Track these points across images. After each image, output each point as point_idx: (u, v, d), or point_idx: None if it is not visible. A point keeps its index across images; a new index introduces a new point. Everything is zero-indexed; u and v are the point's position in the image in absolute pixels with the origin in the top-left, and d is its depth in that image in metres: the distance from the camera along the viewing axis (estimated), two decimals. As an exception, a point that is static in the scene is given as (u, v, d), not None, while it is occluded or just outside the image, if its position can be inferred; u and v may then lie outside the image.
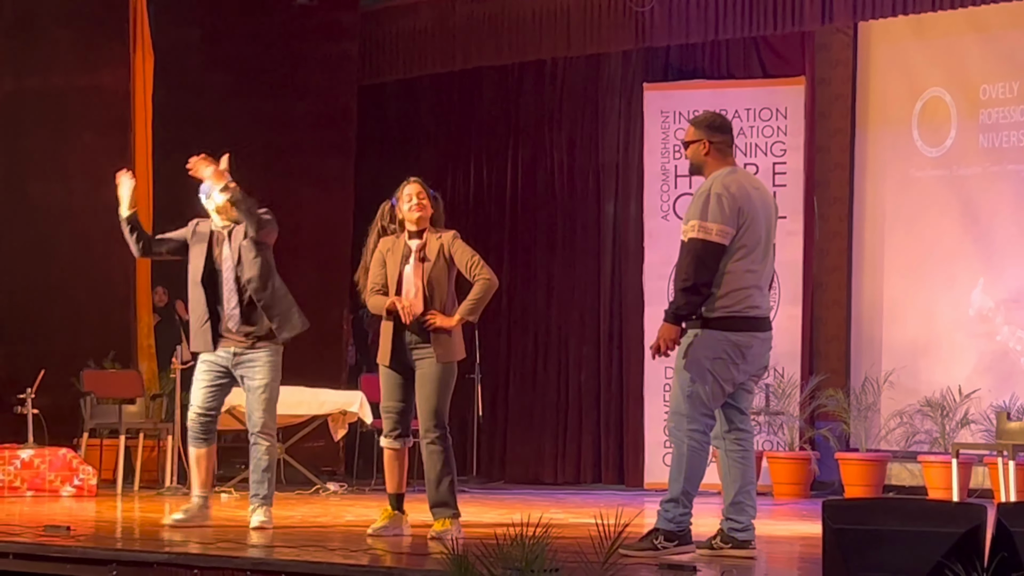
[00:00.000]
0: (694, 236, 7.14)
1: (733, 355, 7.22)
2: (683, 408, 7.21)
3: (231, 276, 8.56)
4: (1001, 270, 13.16)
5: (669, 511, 7.21)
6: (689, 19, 13.50)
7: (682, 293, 7.13)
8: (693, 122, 7.58)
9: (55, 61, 13.53)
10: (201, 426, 8.67)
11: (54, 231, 13.37)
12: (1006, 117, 13.22)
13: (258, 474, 8.63)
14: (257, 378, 8.57)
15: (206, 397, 8.62)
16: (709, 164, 7.42)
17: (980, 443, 12.07)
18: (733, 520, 7.33)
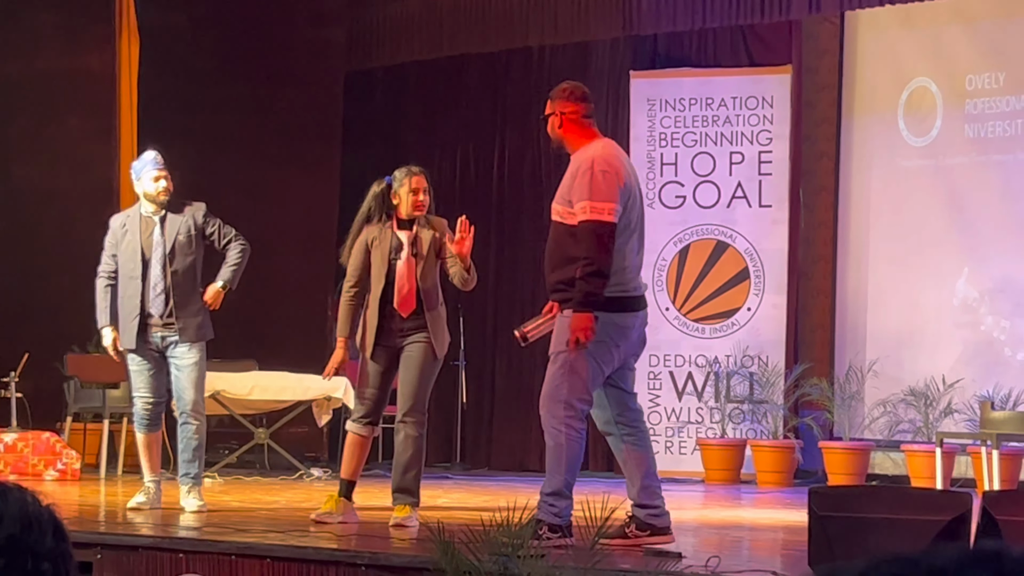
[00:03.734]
0: (587, 218, 6.85)
1: (616, 337, 7.02)
2: (561, 393, 6.96)
3: (160, 264, 8.61)
4: (986, 260, 13.19)
5: (555, 504, 6.94)
6: (676, 7, 13.51)
7: (590, 278, 6.81)
8: (550, 94, 7.29)
9: (39, 44, 13.52)
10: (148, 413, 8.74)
11: (38, 215, 13.36)
12: (992, 107, 13.24)
13: (188, 453, 8.64)
14: (186, 359, 8.58)
15: (148, 385, 8.68)
16: (568, 138, 7.18)
17: (963, 432, 12.10)
18: (647, 506, 7.07)
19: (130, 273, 8.70)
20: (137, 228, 8.71)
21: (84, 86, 13.54)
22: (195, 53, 14.22)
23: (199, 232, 8.72)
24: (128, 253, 8.72)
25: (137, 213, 8.79)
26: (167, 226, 8.67)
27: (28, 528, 1.87)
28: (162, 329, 8.66)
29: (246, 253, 8.76)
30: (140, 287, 8.65)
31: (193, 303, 8.65)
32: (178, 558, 6.91)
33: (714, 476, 13.43)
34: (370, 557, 6.56)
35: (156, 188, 8.70)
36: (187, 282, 8.66)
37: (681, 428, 13.94)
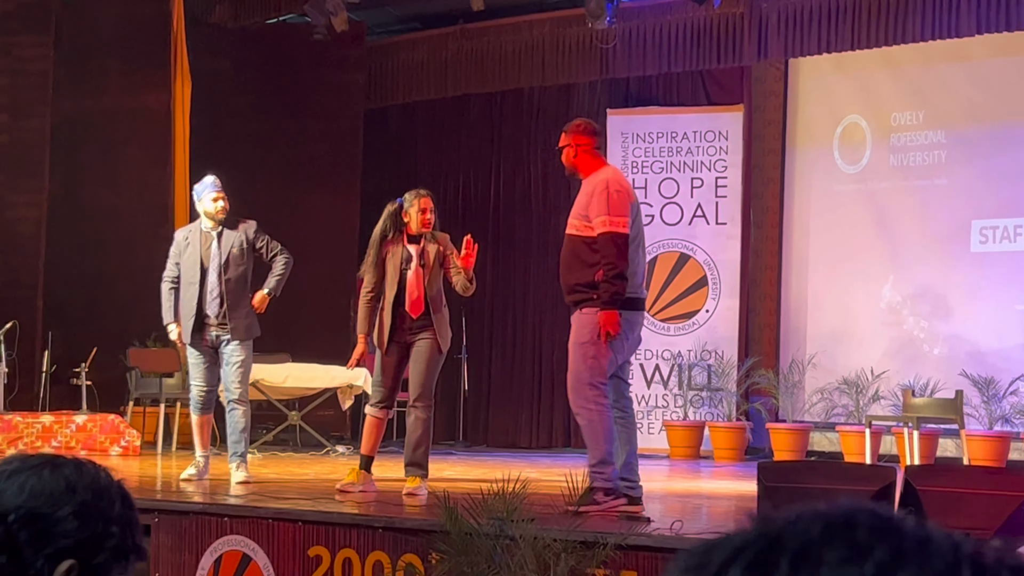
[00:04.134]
0: (607, 230, 6.86)
1: (627, 331, 7.00)
2: (585, 378, 6.93)
3: (216, 273, 8.62)
4: (907, 269, 13.20)
5: (603, 471, 6.93)
6: (646, 54, 13.53)
7: (614, 280, 6.82)
8: (564, 129, 7.28)
9: (106, 86, 13.50)
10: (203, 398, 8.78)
11: (104, 231, 13.34)
12: (913, 140, 13.25)
13: (236, 435, 8.65)
14: (235, 356, 8.60)
15: (203, 376, 8.68)
16: (581, 166, 7.16)
17: (889, 415, 12.10)
18: (627, 480, 7.06)
19: (190, 279, 8.70)
20: (198, 241, 8.72)
21: (144, 121, 13.53)
22: (238, 93, 14.22)
23: (250, 246, 8.72)
24: (189, 262, 8.73)
25: (198, 228, 8.80)
26: (223, 240, 8.67)
27: (99, 496, 1.88)
28: (216, 328, 8.67)
29: (289, 265, 8.76)
30: (198, 292, 8.66)
31: (243, 306, 8.65)
32: (223, 521, 6.91)
33: (677, 452, 13.44)
34: (386, 521, 6.56)
35: (215, 208, 8.71)
36: (239, 288, 8.66)
37: (650, 412, 13.94)
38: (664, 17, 13.39)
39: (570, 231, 7.09)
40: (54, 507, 1.83)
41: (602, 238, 6.89)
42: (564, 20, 13.89)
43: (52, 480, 1.86)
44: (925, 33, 11.96)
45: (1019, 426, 12.09)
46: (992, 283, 12.65)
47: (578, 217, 7.03)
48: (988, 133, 12.79)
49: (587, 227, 6.98)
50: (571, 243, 7.07)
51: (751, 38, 12.89)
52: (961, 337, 12.80)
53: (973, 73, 12.90)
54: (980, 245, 12.79)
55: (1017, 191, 12.58)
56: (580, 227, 7.01)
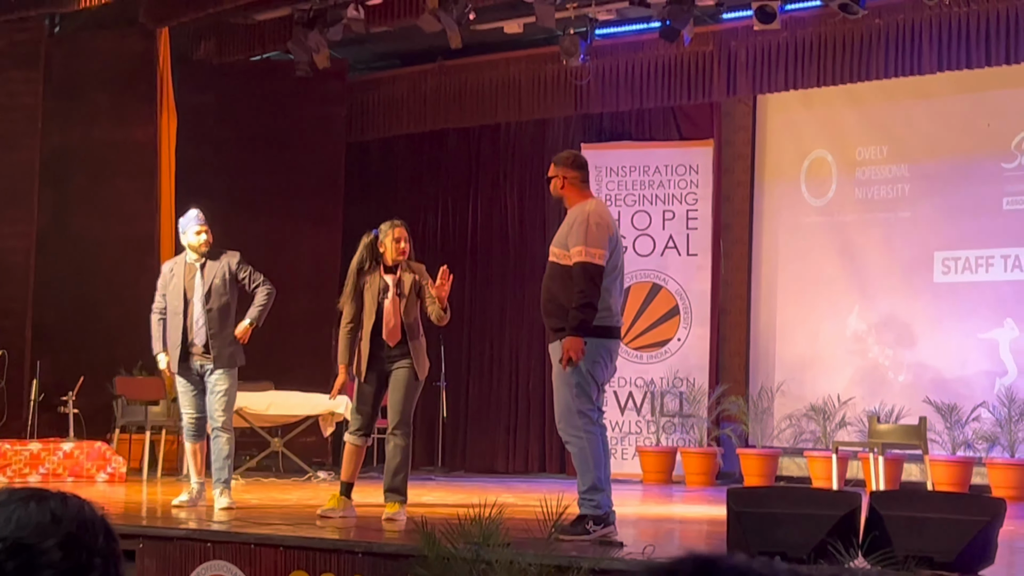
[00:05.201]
0: (582, 260, 6.85)
1: (606, 358, 7.00)
2: (573, 406, 6.91)
3: (200, 303, 8.62)
4: (872, 299, 13.24)
5: (593, 499, 6.88)
6: (619, 91, 13.58)
7: (582, 308, 6.81)
8: (554, 160, 7.31)
9: (94, 120, 13.48)
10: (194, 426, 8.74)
11: (92, 261, 13.30)
12: (877, 174, 13.32)
13: (220, 461, 8.63)
14: (219, 385, 8.58)
15: (192, 403, 8.67)
16: (568, 196, 7.18)
17: (855, 441, 12.11)
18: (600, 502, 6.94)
19: (175, 310, 8.71)
20: (182, 272, 8.74)
21: (130, 154, 13.51)
22: (222, 127, 14.21)
23: (232, 277, 8.72)
24: (174, 293, 8.74)
25: (183, 260, 8.82)
26: (206, 271, 8.69)
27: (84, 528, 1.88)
28: (201, 357, 8.67)
29: (271, 296, 8.76)
30: (183, 322, 8.67)
31: (226, 335, 8.65)
32: (206, 547, 6.88)
33: (650, 477, 13.43)
34: (366, 546, 6.55)
35: (198, 240, 8.74)
36: (222, 318, 8.66)
37: (623, 438, 13.94)
38: (636, 54, 13.44)
39: (552, 258, 7.11)
40: (40, 538, 1.84)
41: (577, 267, 6.88)
42: (540, 57, 13.93)
43: (38, 512, 1.86)
44: (888, 71, 12.03)
45: (981, 452, 12.13)
46: (954, 312, 12.70)
47: (559, 245, 7.05)
48: (950, 167, 12.86)
49: (566, 256, 6.98)
50: (552, 270, 7.07)
51: (720, 75, 12.95)
52: (925, 365, 12.85)
53: (935, 109, 12.98)
54: (943, 276, 12.85)
55: (978, 223, 12.65)
56: (560, 255, 7.02)
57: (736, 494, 5.88)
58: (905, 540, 5.41)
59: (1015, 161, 12.53)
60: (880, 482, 10.64)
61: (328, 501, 8.22)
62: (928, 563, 5.33)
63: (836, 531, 5.49)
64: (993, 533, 5.51)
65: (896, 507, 5.57)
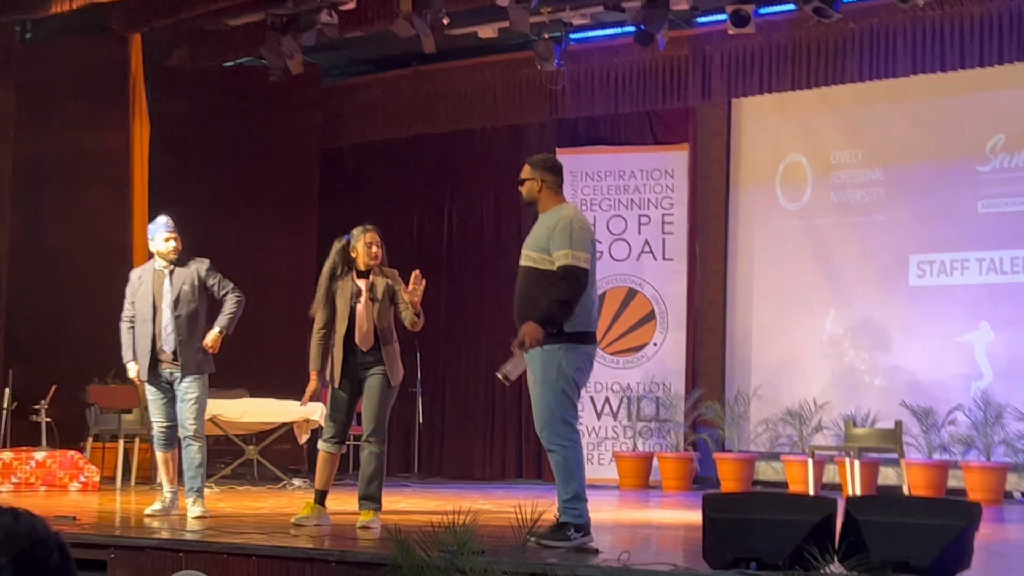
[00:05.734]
0: (569, 263, 6.75)
1: (586, 364, 6.91)
2: (558, 415, 6.77)
3: (169, 309, 8.56)
4: (848, 303, 13.25)
5: (576, 507, 6.77)
6: (594, 95, 13.57)
7: (559, 306, 6.70)
8: (530, 162, 7.15)
9: (67, 128, 13.41)
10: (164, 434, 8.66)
11: (66, 269, 13.23)
12: (852, 178, 13.33)
13: (192, 470, 8.56)
14: (189, 393, 8.53)
15: (162, 412, 8.61)
16: (545, 199, 7.04)
17: (831, 445, 12.11)
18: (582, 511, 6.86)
19: (144, 317, 8.65)
20: (151, 280, 8.68)
21: (104, 162, 13.44)
22: (195, 134, 14.15)
23: (201, 284, 8.66)
24: (142, 301, 8.68)
25: (151, 267, 8.76)
26: (175, 278, 8.63)
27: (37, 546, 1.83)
28: (170, 365, 8.61)
29: (241, 304, 8.69)
30: (151, 329, 8.60)
31: (195, 342, 8.58)
32: (178, 556, 6.81)
33: (627, 483, 13.41)
34: (339, 555, 6.49)
35: (167, 247, 8.67)
36: (190, 325, 8.60)
37: (600, 443, 13.91)
38: (611, 59, 13.43)
39: (526, 263, 6.95)
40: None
41: (562, 270, 6.78)
42: (515, 62, 13.91)
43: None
44: (863, 74, 12.05)
45: (957, 455, 12.13)
46: (930, 316, 12.71)
47: (537, 249, 6.90)
48: (924, 170, 12.87)
49: (547, 260, 6.86)
50: (529, 276, 6.92)
51: (695, 79, 12.94)
52: (900, 368, 12.85)
53: (909, 113, 13.00)
54: (918, 279, 12.86)
55: (953, 226, 12.66)
56: (539, 259, 6.88)
57: (711, 500, 5.84)
58: (881, 545, 5.38)
59: (990, 164, 12.54)
60: (856, 486, 10.62)
61: (302, 509, 8.16)
62: (905, 568, 5.30)
63: (812, 537, 5.45)
64: (970, 537, 5.48)
65: (872, 512, 5.53)
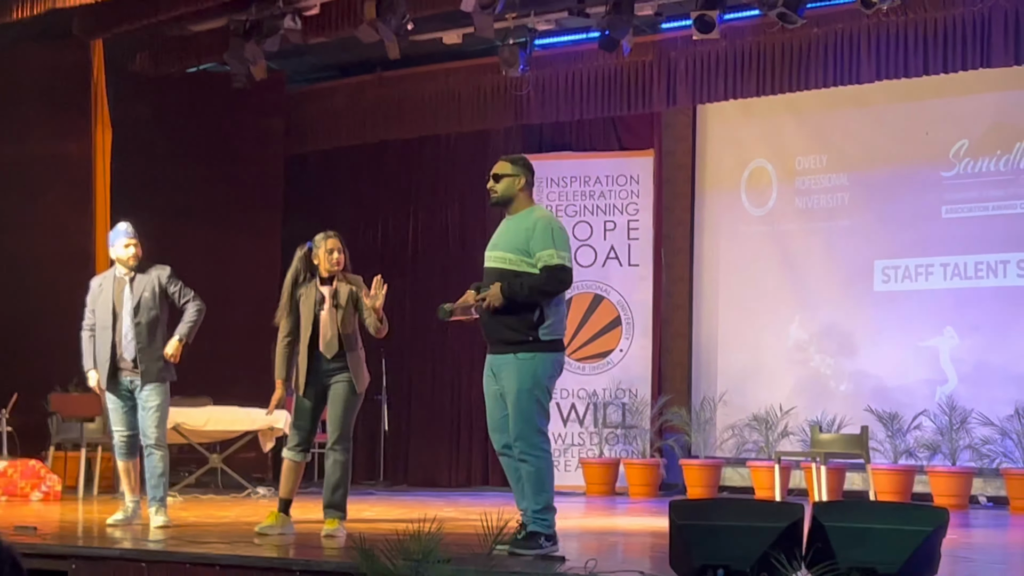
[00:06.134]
0: (557, 263, 6.71)
1: (557, 372, 6.86)
2: (533, 424, 6.75)
3: (129, 316, 8.49)
4: (813, 309, 13.27)
5: (546, 518, 6.76)
6: (559, 102, 13.56)
7: (534, 292, 6.68)
8: (510, 159, 7.07)
9: (27, 132, 13.30)
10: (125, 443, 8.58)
11: (26, 276, 13.12)
12: (817, 184, 13.36)
13: (155, 479, 8.50)
14: (150, 401, 8.45)
15: (123, 420, 8.53)
16: (520, 199, 6.98)
17: (797, 451, 12.12)
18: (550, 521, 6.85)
19: (104, 324, 8.59)
20: (111, 287, 8.62)
21: (65, 168, 13.34)
22: (158, 140, 14.06)
23: (162, 291, 8.60)
24: (102, 308, 8.62)
25: (112, 275, 8.70)
26: (135, 285, 8.58)
27: None
28: (130, 373, 8.54)
29: (201, 312, 8.63)
30: (111, 337, 8.54)
31: (155, 350, 8.51)
32: (140, 567, 6.75)
33: (593, 489, 13.39)
34: (304, 564, 6.44)
35: (126, 254, 8.62)
36: (150, 333, 8.52)
37: (566, 449, 13.89)
38: (576, 65, 13.41)
39: (499, 265, 6.84)
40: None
41: (548, 269, 6.73)
42: (479, 68, 13.88)
43: None
44: (827, 80, 12.07)
45: (923, 460, 12.17)
46: (895, 321, 12.74)
47: (515, 251, 6.81)
48: (889, 176, 12.91)
49: (526, 262, 6.79)
50: (503, 278, 6.79)
51: (660, 85, 12.94)
52: (866, 374, 12.88)
53: (873, 118, 13.03)
54: (883, 284, 12.89)
55: (917, 232, 12.70)
56: (516, 262, 6.80)
57: (678, 506, 5.82)
58: (849, 551, 5.37)
59: (954, 169, 12.59)
60: (823, 492, 10.63)
61: (266, 518, 8.10)
62: (872, 574, 5.29)
63: (779, 543, 5.43)
64: (937, 543, 5.48)
65: (839, 518, 5.52)
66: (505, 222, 7.06)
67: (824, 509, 5.64)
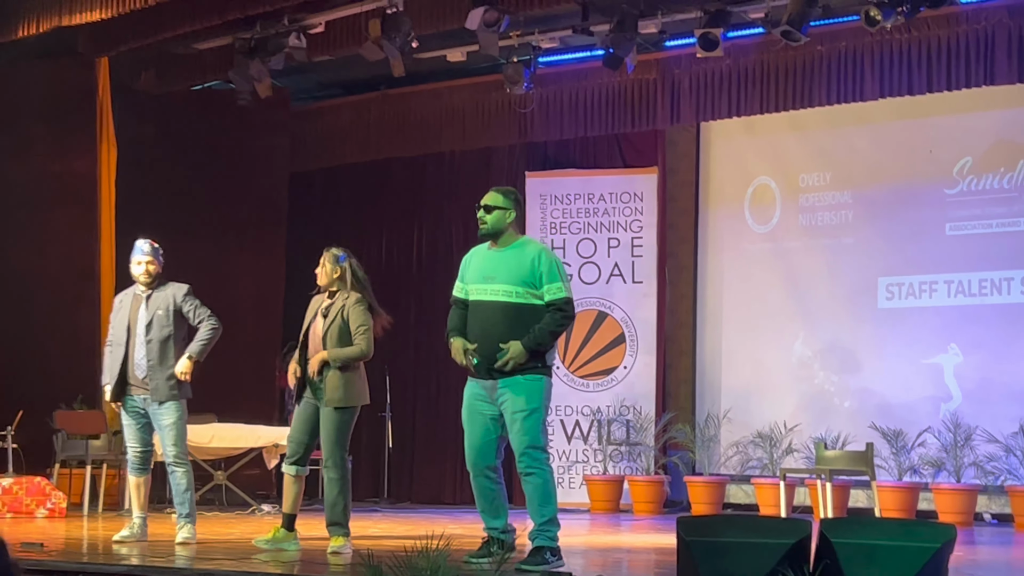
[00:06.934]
0: (564, 296, 6.89)
1: (551, 398, 7.16)
2: (539, 441, 6.96)
3: (142, 333, 8.49)
4: (817, 326, 13.27)
5: (551, 531, 6.89)
6: (563, 119, 13.58)
7: (552, 336, 6.89)
8: (502, 191, 7.16)
9: (32, 150, 13.33)
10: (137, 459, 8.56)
11: (31, 293, 13.14)
12: (820, 201, 13.37)
13: (179, 496, 8.49)
14: (165, 418, 8.45)
15: (136, 437, 8.53)
16: (510, 232, 7.09)
17: (802, 468, 12.11)
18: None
19: (118, 341, 8.58)
20: (129, 303, 8.62)
21: (71, 185, 13.36)
22: (164, 158, 14.08)
23: (177, 309, 8.57)
24: (118, 324, 8.62)
25: (132, 291, 8.69)
26: (151, 302, 8.56)
27: None
28: (141, 390, 8.51)
29: (216, 332, 8.60)
30: (124, 353, 8.52)
31: (165, 368, 8.48)
32: (147, 584, 6.74)
33: (598, 506, 13.37)
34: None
35: (138, 271, 8.62)
36: (161, 351, 8.49)
37: (570, 467, 13.88)
38: (580, 83, 13.44)
39: (504, 299, 6.96)
40: None
41: (559, 303, 6.91)
42: (484, 86, 13.90)
43: None
44: (831, 97, 12.09)
45: (927, 477, 12.16)
46: (899, 338, 12.74)
47: (521, 284, 6.94)
48: (892, 193, 12.92)
49: (533, 295, 6.93)
50: (506, 310, 6.94)
51: (664, 103, 12.96)
52: (870, 391, 12.87)
53: (877, 136, 13.05)
54: (887, 301, 12.90)
55: (921, 248, 12.71)
56: (525, 295, 6.94)
57: (686, 523, 5.81)
58: (856, 568, 5.36)
59: (957, 187, 12.60)
60: (828, 508, 10.62)
61: (270, 533, 8.08)
62: (879, 590, 5.29)
63: (787, 559, 5.43)
64: (944, 559, 5.47)
65: (846, 534, 5.51)
66: (491, 253, 7.14)
67: (832, 526, 5.63)
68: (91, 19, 11.57)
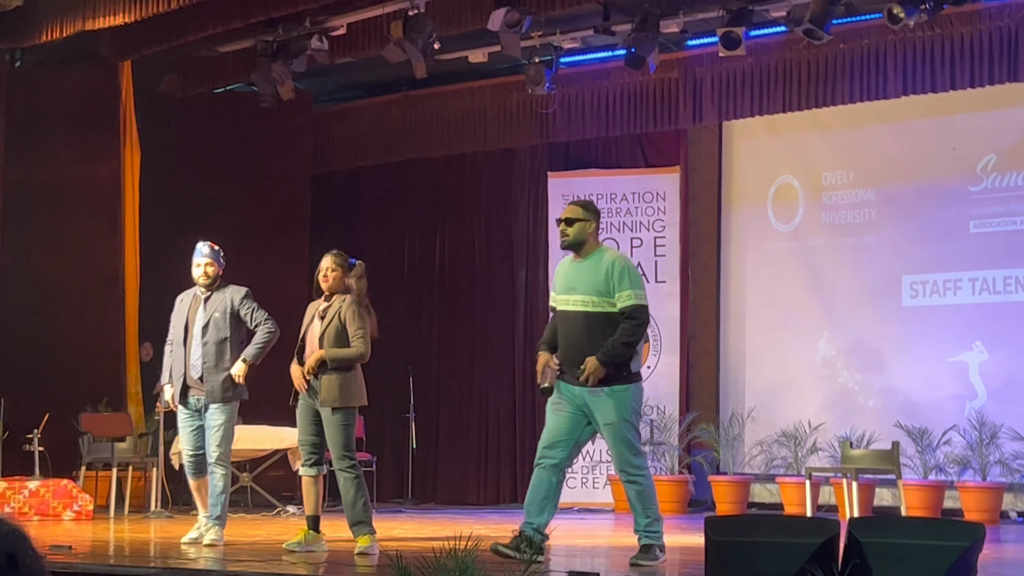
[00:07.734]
0: (637, 303, 7.08)
1: (642, 401, 7.32)
2: (635, 449, 7.18)
3: (199, 335, 8.51)
4: (841, 324, 13.23)
5: (657, 530, 7.22)
6: (585, 119, 13.57)
7: (626, 347, 7.05)
8: (581, 204, 7.41)
9: (56, 156, 13.37)
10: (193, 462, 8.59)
11: (56, 297, 13.19)
12: (843, 199, 13.33)
13: (213, 497, 8.51)
14: (214, 420, 8.45)
15: (191, 440, 8.54)
16: (591, 242, 7.32)
17: (827, 467, 12.08)
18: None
19: (177, 341, 8.62)
20: (188, 304, 8.66)
21: (94, 190, 13.40)
22: (186, 161, 14.12)
23: (234, 312, 8.60)
24: (177, 324, 8.66)
25: (193, 291, 8.72)
26: (209, 304, 8.59)
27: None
28: (197, 391, 8.54)
29: (272, 336, 8.63)
30: (182, 353, 8.56)
31: (220, 370, 8.50)
32: (175, 586, 6.75)
33: (622, 506, 13.32)
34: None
35: (196, 274, 8.68)
36: (218, 352, 8.51)
37: (595, 466, 13.85)
38: (602, 82, 13.43)
39: (583, 308, 7.18)
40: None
41: (631, 310, 7.08)
42: (505, 86, 13.90)
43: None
44: (854, 95, 12.05)
45: (953, 475, 12.11)
46: (923, 336, 12.70)
47: (597, 294, 7.15)
48: (916, 191, 12.88)
49: (608, 303, 7.12)
50: (587, 320, 7.16)
51: (686, 102, 12.94)
52: (895, 389, 12.83)
53: (900, 134, 13.01)
54: (911, 299, 12.85)
55: (945, 246, 12.66)
56: (601, 303, 7.15)
57: (714, 523, 5.80)
58: (886, 567, 5.34)
59: (981, 184, 12.55)
60: (854, 507, 10.59)
61: (296, 535, 8.10)
62: (909, 590, 5.27)
63: (816, 559, 5.41)
64: (973, 558, 5.45)
65: (875, 533, 5.50)
66: (574, 264, 7.37)
67: (860, 525, 5.62)
68: (114, 23, 11.59)
